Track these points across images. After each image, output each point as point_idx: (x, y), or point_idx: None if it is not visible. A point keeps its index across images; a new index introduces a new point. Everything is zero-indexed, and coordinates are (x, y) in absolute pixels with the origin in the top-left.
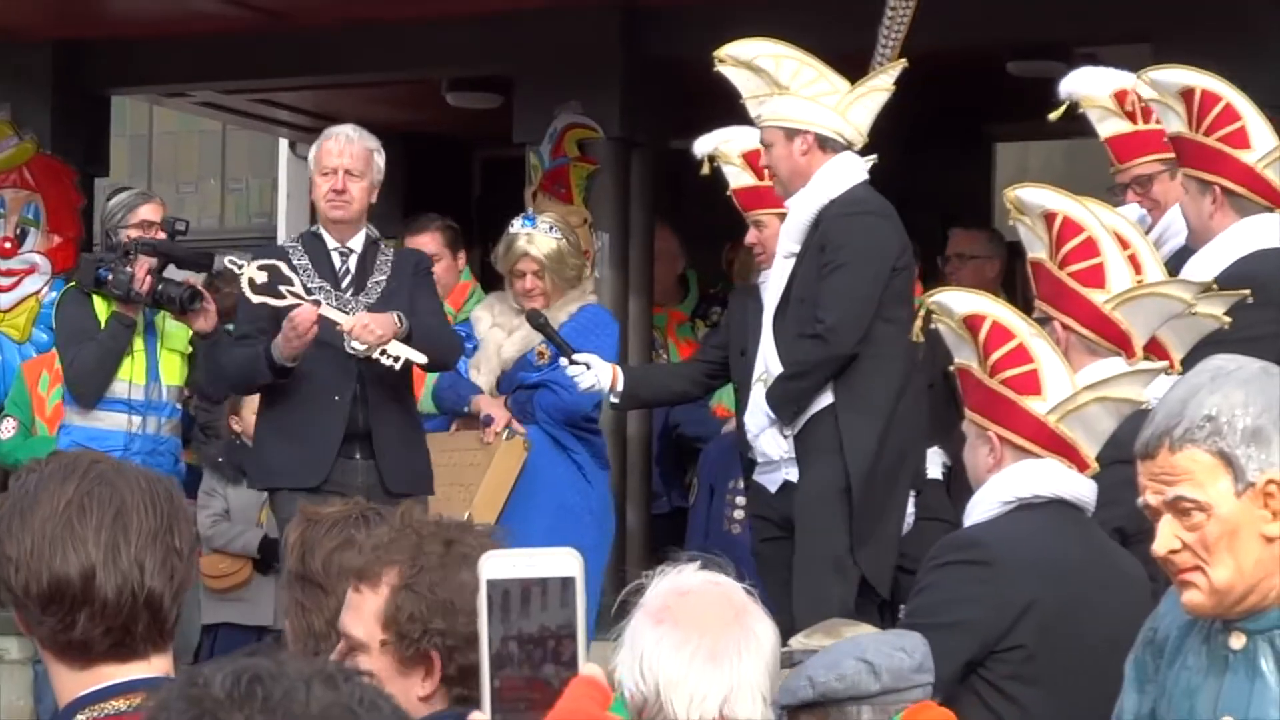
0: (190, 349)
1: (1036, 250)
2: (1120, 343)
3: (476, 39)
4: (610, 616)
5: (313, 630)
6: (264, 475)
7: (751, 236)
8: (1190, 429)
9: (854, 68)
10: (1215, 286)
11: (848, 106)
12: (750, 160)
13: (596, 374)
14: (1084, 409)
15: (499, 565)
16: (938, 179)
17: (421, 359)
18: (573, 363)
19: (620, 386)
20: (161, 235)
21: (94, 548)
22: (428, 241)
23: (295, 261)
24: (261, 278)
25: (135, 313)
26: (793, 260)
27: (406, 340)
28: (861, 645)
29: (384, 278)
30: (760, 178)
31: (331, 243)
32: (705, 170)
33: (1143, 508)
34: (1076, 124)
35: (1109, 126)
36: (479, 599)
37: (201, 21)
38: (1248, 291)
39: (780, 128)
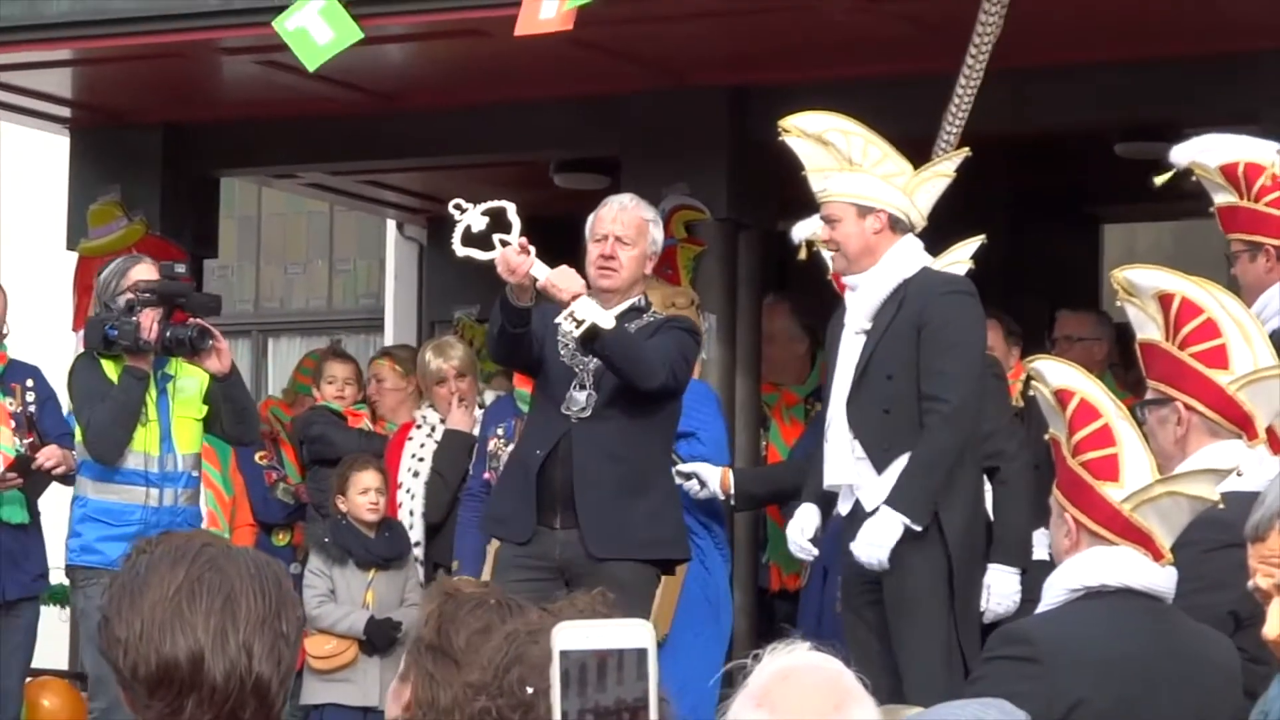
0: (205, 410)
1: (1149, 331)
2: (1243, 424)
3: (584, 121)
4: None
5: (436, 703)
6: (484, 522)
7: None
8: None
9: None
10: None
11: (914, 189)
12: None
13: (706, 481)
14: (1158, 500)
15: (573, 637)
16: (1045, 260)
17: (608, 323)
18: (680, 474)
19: (732, 489)
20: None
21: (203, 633)
22: None
23: (559, 317)
24: (481, 224)
25: (147, 364)
26: (863, 337)
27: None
28: None
29: None
30: None
31: None
32: (803, 255)
33: (1252, 591)
34: (1185, 205)
35: (1220, 196)
36: (552, 670)
37: (310, 104)
38: None
39: (852, 204)
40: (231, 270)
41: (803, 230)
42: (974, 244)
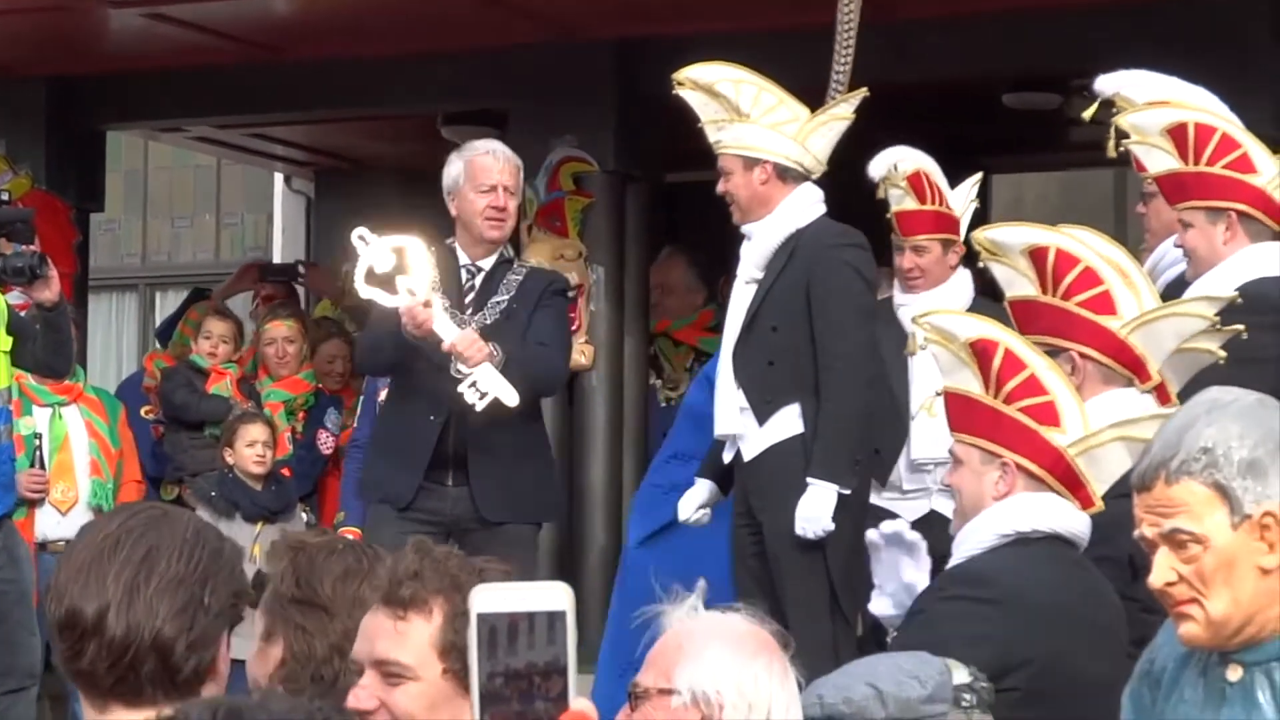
0: (12, 341)
1: (1021, 288)
2: (1135, 368)
3: (472, 73)
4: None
5: (313, 654)
6: (362, 487)
7: (908, 260)
8: (1187, 461)
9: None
10: (1239, 300)
11: (807, 135)
12: (913, 183)
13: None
14: (1105, 446)
15: (489, 599)
16: None
17: (512, 399)
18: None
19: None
20: None
21: (113, 583)
22: None
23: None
24: (385, 265)
25: None
26: (754, 287)
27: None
28: (876, 670)
29: (506, 298)
30: (923, 201)
31: (464, 259)
32: (881, 194)
33: (1139, 540)
34: (1072, 155)
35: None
36: (469, 633)
37: (197, 56)
38: (1242, 328)
39: (739, 156)
40: (118, 224)
41: (880, 166)
42: (974, 181)
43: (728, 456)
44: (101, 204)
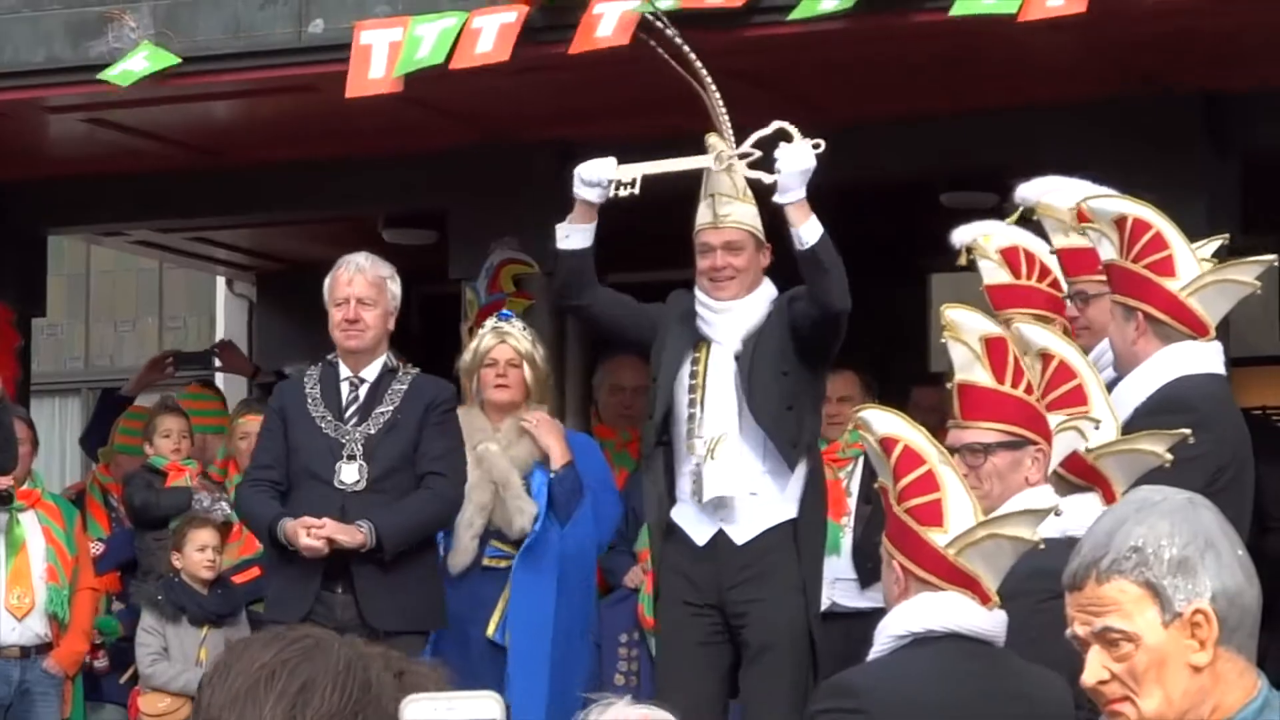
0: None
1: (976, 374)
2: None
3: (411, 176)
4: None
5: None
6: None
7: None
8: (1117, 560)
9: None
10: (1190, 439)
11: None
12: (1008, 257)
13: None
14: (981, 543)
15: (421, 709)
16: (874, 311)
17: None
18: None
19: None
20: None
21: (269, 714)
22: None
23: (306, 390)
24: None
25: None
26: (735, 352)
27: (377, 546)
28: None
29: (391, 408)
30: (1018, 275)
31: (345, 372)
32: (962, 260)
33: (1071, 639)
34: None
35: (1061, 239)
36: None
37: (137, 160)
38: (1189, 431)
39: (754, 234)
40: (61, 329)
41: (965, 234)
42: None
43: (700, 537)
44: (43, 308)
